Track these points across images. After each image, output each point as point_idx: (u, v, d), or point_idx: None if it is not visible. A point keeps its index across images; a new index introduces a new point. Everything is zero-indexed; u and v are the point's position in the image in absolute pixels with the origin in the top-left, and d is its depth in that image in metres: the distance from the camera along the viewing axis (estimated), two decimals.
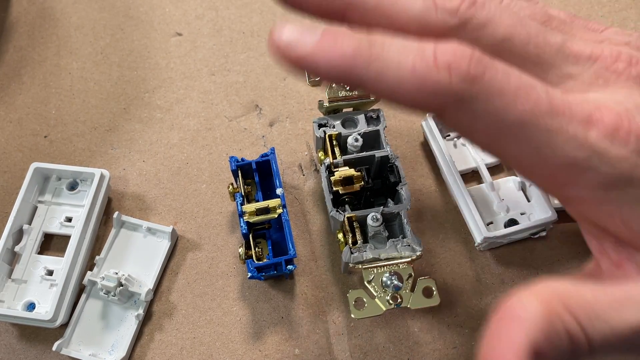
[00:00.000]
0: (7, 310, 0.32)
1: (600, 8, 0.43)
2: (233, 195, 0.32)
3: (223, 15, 0.43)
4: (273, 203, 0.31)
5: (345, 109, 0.34)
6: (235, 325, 0.33)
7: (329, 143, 0.32)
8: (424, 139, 0.38)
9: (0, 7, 0.44)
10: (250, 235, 0.32)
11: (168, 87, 0.41)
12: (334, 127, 0.33)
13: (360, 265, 0.29)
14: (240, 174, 0.33)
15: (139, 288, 0.33)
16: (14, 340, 0.33)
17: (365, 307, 0.28)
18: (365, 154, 0.32)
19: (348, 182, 0.31)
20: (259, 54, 0.42)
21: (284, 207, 0.31)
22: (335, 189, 0.31)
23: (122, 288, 0.32)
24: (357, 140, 0.32)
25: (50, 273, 0.34)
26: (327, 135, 0.32)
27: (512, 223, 0.34)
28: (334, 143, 0.32)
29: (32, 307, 0.33)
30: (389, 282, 0.28)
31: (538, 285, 0.17)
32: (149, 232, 0.35)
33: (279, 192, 0.32)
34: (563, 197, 0.21)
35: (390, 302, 0.28)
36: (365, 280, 0.29)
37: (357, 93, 0.33)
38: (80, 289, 0.34)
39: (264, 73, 0.41)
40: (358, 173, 0.31)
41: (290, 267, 0.31)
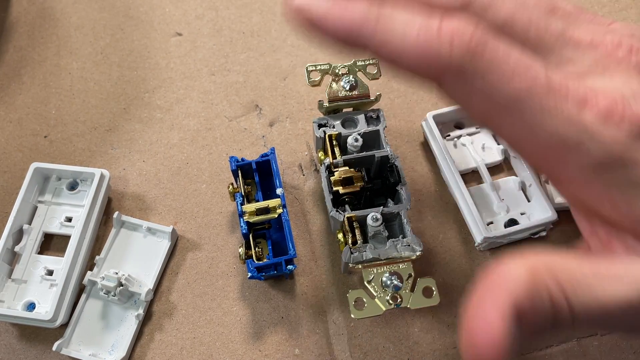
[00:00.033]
0: (7, 310, 0.32)
1: (601, 8, 0.43)
2: (233, 195, 0.32)
3: (223, 15, 0.43)
4: (273, 203, 0.31)
5: (345, 109, 0.34)
6: (235, 325, 0.33)
7: (329, 143, 0.32)
8: (424, 139, 0.38)
9: (0, 7, 0.44)
10: (250, 235, 0.32)
11: (168, 87, 0.41)
12: (334, 127, 0.33)
13: (360, 265, 0.29)
14: (240, 174, 0.33)
15: (139, 288, 0.33)
16: (14, 340, 0.33)
17: (365, 307, 0.28)
18: (365, 154, 0.32)
19: (348, 182, 0.31)
20: (259, 54, 0.42)
21: (284, 207, 0.31)
22: (335, 189, 0.31)
23: (122, 288, 0.32)
24: (357, 140, 0.32)
25: (50, 273, 0.34)
26: (327, 135, 0.32)
27: (512, 223, 0.34)
28: (334, 143, 0.32)
29: (32, 307, 0.33)
30: (389, 282, 0.28)
31: (526, 254, 0.18)
32: (149, 232, 0.35)
33: (279, 192, 0.32)
34: (554, 176, 0.22)
35: (390, 302, 0.28)
36: (365, 280, 0.28)
37: (357, 93, 0.33)
38: (80, 289, 0.34)
39: (264, 73, 0.41)
40: (358, 173, 0.31)
41: (290, 267, 0.31)
